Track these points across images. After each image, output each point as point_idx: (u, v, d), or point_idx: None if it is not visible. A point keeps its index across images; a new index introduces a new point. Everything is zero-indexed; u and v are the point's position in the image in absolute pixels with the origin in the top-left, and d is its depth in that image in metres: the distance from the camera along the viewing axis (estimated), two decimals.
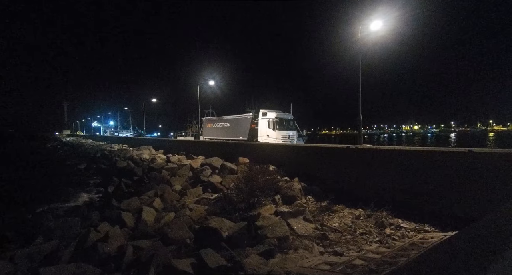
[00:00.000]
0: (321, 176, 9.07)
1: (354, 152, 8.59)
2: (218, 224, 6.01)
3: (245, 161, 12.29)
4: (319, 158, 9.76)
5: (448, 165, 6.20)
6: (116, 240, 5.26)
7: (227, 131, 23.59)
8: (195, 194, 9.28)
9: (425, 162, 6.63)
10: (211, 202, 8.56)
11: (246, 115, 21.90)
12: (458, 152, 6.21)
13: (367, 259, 4.16)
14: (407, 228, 5.82)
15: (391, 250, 4.55)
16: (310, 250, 5.01)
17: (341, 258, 4.46)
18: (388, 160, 7.48)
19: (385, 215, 6.34)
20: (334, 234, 5.74)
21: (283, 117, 19.76)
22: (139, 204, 7.81)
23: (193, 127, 40.38)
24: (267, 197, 8.15)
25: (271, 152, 12.13)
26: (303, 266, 4.16)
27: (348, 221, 6.37)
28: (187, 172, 11.86)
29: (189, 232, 5.68)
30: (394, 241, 5.23)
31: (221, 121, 25.14)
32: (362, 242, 5.26)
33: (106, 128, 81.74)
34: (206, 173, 10.96)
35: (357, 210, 6.81)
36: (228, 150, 14.57)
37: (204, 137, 27.01)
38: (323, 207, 7.41)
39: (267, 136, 19.23)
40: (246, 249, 5.07)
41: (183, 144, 22.83)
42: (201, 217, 6.98)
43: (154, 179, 11.26)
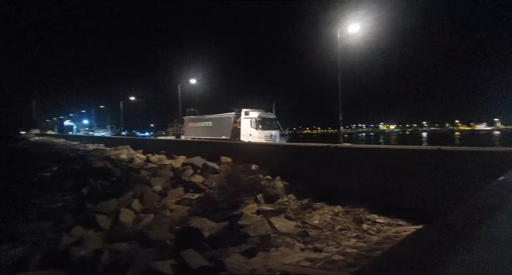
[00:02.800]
0: (303, 174, 9.24)
1: (334, 150, 8.85)
2: (199, 224, 5.93)
3: (227, 160, 12.23)
4: (301, 157, 9.94)
5: (420, 162, 6.58)
6: (91, 243, 5.03)
7: (210, 131, 23.31)
8: (176, 195, 9.09)
9: (399, 160, 6.98)
10: (192, 202, 8.43)
11: (229, 115, 21.78)
12: (429, 150, 6.61)
13: (346, 254, 4.31)
14: (383, 223, 6.09)
15: (367, 244, 4.74)
16: (292, 247, 5.09)
17: (321, 254, 4.58)
18: (365, 158, 7.79)
19: (362, 211, 6.59)
20: (315, 231, 5.88)
21: (265, 116, 19.88)
22: (116, 205, 7.51)
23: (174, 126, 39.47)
24: (250, 196, 8.18)
25: (253, 151, 12.17)
26: (285, 263, 4.22)
27: (328, 217, 6.55)
28: (168, 172, 11.58)
29: (170, 233, 5.56)
30: (371, 236, 5.46)
31: (203, 120, 24.80)
32: (341, 238, 5.44)
33: (80, 127, 77.43)
34: (188, 172, 10.77)
35: (337, 207, 7.02)
36: (211, 149, 14.41)
37: (185, 136, 26.50)
38: (304, 204, 7.56)
39: (249, 136, 19.25)
40: (228, 248, 5.05)
41: (164, 143, 22.26)
42: (182, 217, 6.86)
43: (133, 180, 10.87)
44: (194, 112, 35.69)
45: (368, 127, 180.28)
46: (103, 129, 67.07)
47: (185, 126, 27.53)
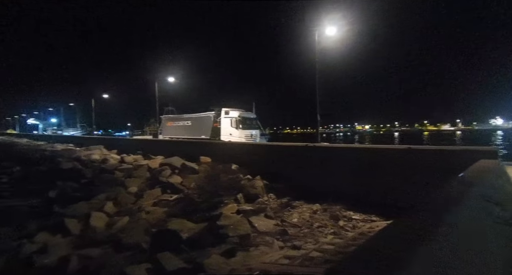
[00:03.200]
0: (282, 173, 9.36)
1: (312, 149, 9.06)
2: (178, 225, 5.79)
3: (207, 160, 12.06)
4: (281, 156, 10.06)
5: (392, 160, 6.95)
6: (58, 250, 4.69)
7: (189, 130, 22.84)
8: (153, 196, 8.78)
9: (373, 158, 7.32)
10: (170, 203, 8.21)
11: (208, 114, 21.49)
12: (400, 149, 7.00)
13: (323, 251, 4.43)
14: (358, 219, 6.35)
15: (343, 240, 4.92)
16: (271, 246, 5.13)
17: (300, 251, 4.67)
18: (342, 157, 8.07)
19: (339, 208, 6.83)
20: (294, 229, 5.98)
21: (246, 116, 19.88)
22: (87, 208, 7.09)
23: (151, 125, 38.10)
24: (230, 196, 8.13)
25: (234, 150, 12.11)
26: (264, 262, 4.24)
27: (307, 215, 6.69)
28: (145, 173, 11.16)
29: (146, 236, 5.36)
30: (347, 232, 5.67)
31: (182, 119, 24.23)
32: (319, 235, 5.58)
33: (47, 126, 71.89)
34: (166, 173, 10.46)
35: (315, 205, 7.20)
36: (190, 149, 14.11)
37: (163, 136, 25.74)
38: (284, 203, 7.67)
39: (230, 135, 19.14)
40: (207, 249, 4.98)
41: (140, 143, 21.41)
42: (159, 219, 6.64)
43: (106, 181, 10.32)
44: (173, 111, 34.74)
45: (345, 127, 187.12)
46: (73, 128, 62.85)
47: (162, 126, 26.72)
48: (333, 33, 13.07)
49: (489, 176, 3.40)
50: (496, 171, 4.01)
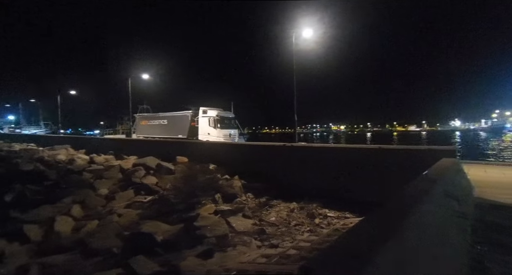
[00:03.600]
0: (261, 173, 9.40)
1: (290, 149, 9.21)
2: (152, 228, 5.58)
3: (184, 160, 11.77)
4: (259, 156, 10.10)
5: (364, 159, 7.28)
6: (16, 258, 4.30)
7: (165, 129, 22.12)
8: (125, 198, 8.38)
9: (346, 157, 7.62)
10: (145, 205, 7.89)
11: (186, 113, 20.97)
12: (371, 148, 7.36)
13: (299, 248, 4.52)
14: (333, 217, 6.58)
15: (319, 237, 5.06)
16: (249, 246, 5.14)
17: (277, 249, 4.73)
18: (318, 156, 8.31)
19: (315, 206, 7.02)
20: (271, 228, 6.04)
21: (224, 115, 19.69)
22: (52, 213, 6.57)
23: (124, 124, 36.31)
24: (207, 196, 8.01)
25: (211, 150, 11.94)
26: (242, 262, 4.23)
27: (284, 214, 6.80)
28: (116, 174, 10.61)
29: (117, 240, 5.09)
30: (322, 229, 5.84)
31: (157, 118, 23.39)
32: (296, 233, 5.69)
33: (3, 123, 65.27)
34: (139, 174, 10.03)
35: (292, 204, 7.33)
36: (166, 149, 13.68)
37: (137, 135, 24.67)
38: (262, 202, 7.71)
39: (208, 135, 18.85)
40: (183, 251, 4.87)
41: (111, 142, 20.31)
42: (132, 222, 6.36)
43: (74, 183, 9.64)
44: (148, 109, 33.44)
45: (322, 128, 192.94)
46: (35, 126, 57.84)
47: (137, 125, 25.59)
48: (310, 35, 13.47)
49: (449, 173, 3.69)
50: (455, 169, 4.37)
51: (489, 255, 2.34)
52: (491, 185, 5.52)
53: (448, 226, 2.20)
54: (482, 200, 4.30)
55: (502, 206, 4.00)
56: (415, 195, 2.04)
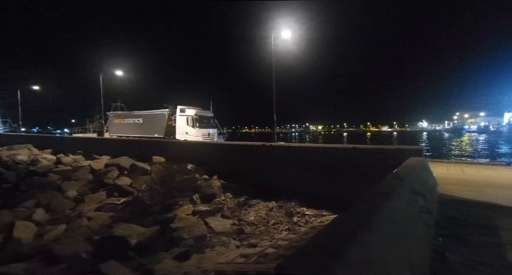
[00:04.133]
0: (240, 172, 9.38)
1: (269, 149, 9.29)
2: (125, 231, 5.35)
3: (160, 160, 11.42)
4: (238, 155, 10.08)
5: (340, 158, 7.55)
6: None
7: (140, 128, 21.24)
8: (96, 200, 7.94)
9: (323, 156, 7.85)
10: (118, 207, 7.53)
11: (162, 111, 20.29)
12: (346, 148, 7.64)
13: (277, 247, 4.58)
14: (310, 215, 6.74)
15: (297, 235, 5.16)
16: (227, 246, 5.11)
17: (255, 249, 4.75)
18: (296, 156, 8.47)
19: (293, 205, 7.15)
20: (250, 227, 6.06)
21: (203, 114, 19.34)
22: (10, 217, 6.04)
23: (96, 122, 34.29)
24: (185, 197, 7.84)
25: (190, 150, 11.69)
26: (220, 263, 4.20)
27: (263, 213, 6.85)
28: (86, 175, 10.01)
29: (87, 245, 4.80)
30: (300, 227, 5.97)
31: (132, 116, 22.39)
32: (274, 232, 5.76)
33: None
34: (112, 174, 9.55)
35: (271, 203, 7.40)
36: (141, 149, 13.16)
37: (110, 134, 23.44)
38: (241, 202, 7.71)
39: (186, 134, 18.42)
40: (159, 254, 4.72)
41: (81, 142, 19.11)
42: (103, 225, 6.04)
43: (37, 186, 8.93)
44: (122, 107, 31.90)
45: (301, 128, 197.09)
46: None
47: (109, 123, 24.30)
48: (288, 36, 13.70)
49: (416, 171, 3.94)
50: (421, 167, 4.68)
51: (449, 246, 2.54)
52: (452, 181, 5.99)
53: (414, 221, 2.35)
54: (444, 196, 4.66)
55: (460, 201, 4.36)
56: (385, 193, 2.16)
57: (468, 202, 4.28)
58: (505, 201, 4.26)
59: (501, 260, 2.34)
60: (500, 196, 4.59)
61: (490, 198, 4.50)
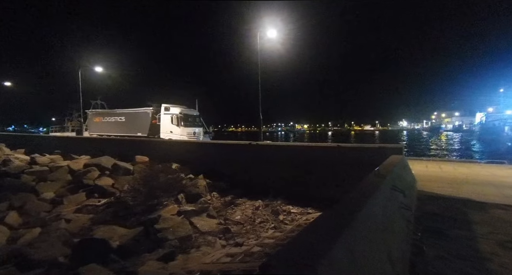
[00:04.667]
0: (226, 171, 9.32)
1: (255, 147, 9.29)
2: (107, 233, 5.17)
3: (144, 159, 11.12)
4: (224, 154, 10.00)
5: (324, 156, 7.68)
6: None
7: (122, 127, 20.59)
8: (75, 202, 7.61)
9: (308, 155, 7.96)
10: (98, 208, 7.26)
11: (146, 110, 19.77)
12: (330, 146, 7.78)
13: (263, 245, 4.59)
14: (296, 213, 6.82)
15: (282, 233, 5.20)
16: (213, 246, 5.07)
17: (241, 248, 4.73)
18: (282, 154, 8.52)
19: (279, 203, 7.20)
20: (236, 226, 6.03)
21: (188, 113, 19.04)
22: None
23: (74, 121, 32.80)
24: (170, 197, 7.69)
25: (174, 149, 11.46)
26: (205, 263, 4.15)
27: (249, 212, 6.84)
28: (64, 175, 9.55)
29: (64, 249, 4.59)
30: (286, 225, 6.01)
31: (114, 115, 21.62)
32: (260, 230, 5.77)
33: None
34: (92, 175, 9.19)
35: (257, 201, 7.41)
36: (123, 148, 12.74)
37: (90, 133, 22.54)
38: (228, 201, 7.66)
39: (170, 133, 18.06)
40: (143, 256, 4.60)
41: (59, 141, 18.22)
42: (83, 227, 5.80)
43: (9, 187, 8.40)
44: (103, 105, 30.73)
45: (287, 127, 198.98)
46: None
47: (89, 122, 23.36)
48: (274, 35, 13.76)
49: (397, 169, 4.08)
50: (401, 165, 4.85)
51: (427, 241, 2.65)
52: (430, 178, 6.27)
53: (395, 217, 2.43)
54: (423, 192, 4.86)
55: (438, 197, 4.57)
56: (368, 190, 2.21)
57: (445, 198, 4.50)
58: (478, 196, 4.52)
59: (474, 252, 2.48)
60: (473, 192, 4.86)
61: (465, 194, 4.75)
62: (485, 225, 3.18)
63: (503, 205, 4.01)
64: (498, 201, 4.24)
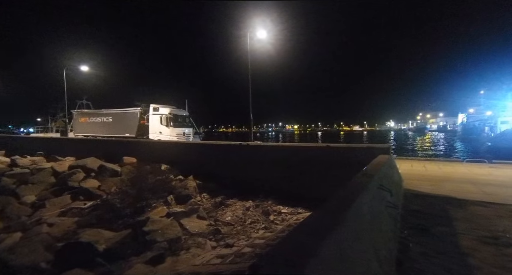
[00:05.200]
0: (217, 172, 9.26)
1: (245, 148, 9.28)
2: (92, 236, 5.02)
3: (132, 160, 10.89)
4: (215, 155, 9.93)
5: (314, 156, 7.76)
6: None
7: (109, 127, 20.06)
8: (59, 205, 7.36)
9: (298, 155, 8.02)
10: (84, 211, 7.05)
11: (134, 110, 19.35)
12: (320, 146, 7.88)
13: (254, 246, 4.58)
14: (286, 213, 6.85)
15: (273, 233, 5.21)
16: (203, 247, 5.02)
17: (232, 249, 4.71)
18: (272, 155, 8.55)
19: (270, 203, 7.21)
20: (227, 227, 6.00)
21: (177, 113, 18.77)
22: None
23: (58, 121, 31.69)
24: (159, 198, 7.56)
25: (164, 150, 11.28)
26: (195, 265, 4.10)
27: (240, 213, 6.82)
28: (48, 178, 9.23)
29: (47, 254, 4.42)
30: (276, 225, 6.03)
31: (100, 115, 21.04)
32: (251, 231, 5.76)
33: None
34: (77, 177, 8.91)
35: (248, 202, 7.40)
36: (110, 149, 12.43)
37: (75, 134, 21.85)
38: (218, 202, 7.61)
39: (159, 133, 17.77)
40: (130, 259, 4.50)
41: (41, 142, 17.57)
42: (67, 231, 5.61)
43: None
44: (88, 105, 29.86)
45: (277, 127, 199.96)
46: None
47: (74, 122, 22.64)
48: (264, 36, 13.80)
49: (384, 168, 4.18)
50: (389, 164, 4.97)
51: (412, 238, 2.72)
52: (416, 177, 6.45)
53: (382, 215, 2.49)
54: (409, 191, 5.00)
55: (422, 195, 4.71)
56: (356, 190, 2.25)
57: (430, 196, 4.64)
58: (460, 194, 4.69)
59: (456, 248, 2.56)
60: (456, 190, 5.04)
61: (448, 191, 4.92)
62: (466, 221, 3.31)
63: (483, 202, 4.18)
64: (478, 198, 4.42)
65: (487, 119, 32.28)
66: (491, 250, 2.50)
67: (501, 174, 6.72)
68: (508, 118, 24.03)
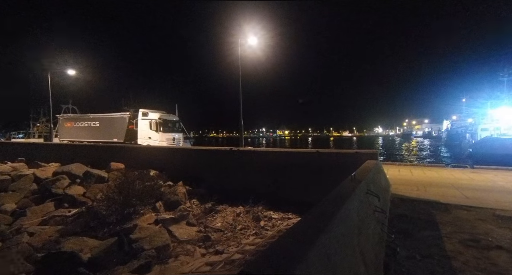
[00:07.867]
0: (207, 178, 9.16)
1: (236, 153, 9.25)
2: (76, 245, 4.84)
3: (119, 166, 10.63)
4: (205, 160, 9.85)
5: (304, 161, 7.83)
6: None
7: (96, 133, 19.59)
8: (41, 213, 7.07)
9: (288, 160, 8.07)
10: (68, 219, 6.80)
11: (122, 115, 19.01)
12: (310, 152, 7.96)
13: (244, 252, 4.54)
14: (277, 218, 6.84)
15: (263, 239, 5.18)
16: (192, 254, 4.92)
17: (222, 256, 4.65)
18: (263, 160, 8.56)
19: (260, 209, 7.18)
20: (217, 234, 5.92)
21: (167, 118, 18.57)
22: None
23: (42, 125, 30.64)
24: (147, 205, 7.38)
25: (152, 155, 11.09)
26: (183, 273, 4.02)
27: (230, 219, 6.76)
28: (29, 185, 8.86)
29: (27, 264, 4.22)
30: (267, 231, 6.01)
31: (87, 120, 20.53)
32: (241, 237, 5.71)
33: None
34: (62, 183, 8.60)
35: (238, 208, 7.35)
36: (97, 154, 12.10)
37: (61, 139, 21.20)
38: (208, 208, 7.51)
39: (148, 139, 17.49)
40: (116, 268, 4.36)
41: (22, 147, 16.91)
42: (49, 241, 5.38)
43: None
44: (74, 110, 29.08)
45: (268, 132, 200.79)
46: None
47: (60, 127, 21.97)
48: (255, 42, 14.00)
49: (372, 173, 4.27)
50: (376, 169, 5.08)
51: (398, 241, 2.78)
52: (402, 182, 6.62)
53: (369, 220, 2.53)
54: (396, 196, 5.12)
55: (408, 199, 4.83)
56: (344, 195, 2.29)
57: (416, 200, 4.77)
58: (445, 198, 4.84)
59: (441, 251, 2.64)
60: (440, 194, 5.20)
61: (433, 196, 5.07)
62: (450, 225, 3.41)
63: (465, 206, 4.33)
64: (461, 202, 4.58)
65: (468, 126, 33.63)
66: (474, 253, 2.59)
67: (482, 179, 6.99)
68: (488, 126, 25.12)
